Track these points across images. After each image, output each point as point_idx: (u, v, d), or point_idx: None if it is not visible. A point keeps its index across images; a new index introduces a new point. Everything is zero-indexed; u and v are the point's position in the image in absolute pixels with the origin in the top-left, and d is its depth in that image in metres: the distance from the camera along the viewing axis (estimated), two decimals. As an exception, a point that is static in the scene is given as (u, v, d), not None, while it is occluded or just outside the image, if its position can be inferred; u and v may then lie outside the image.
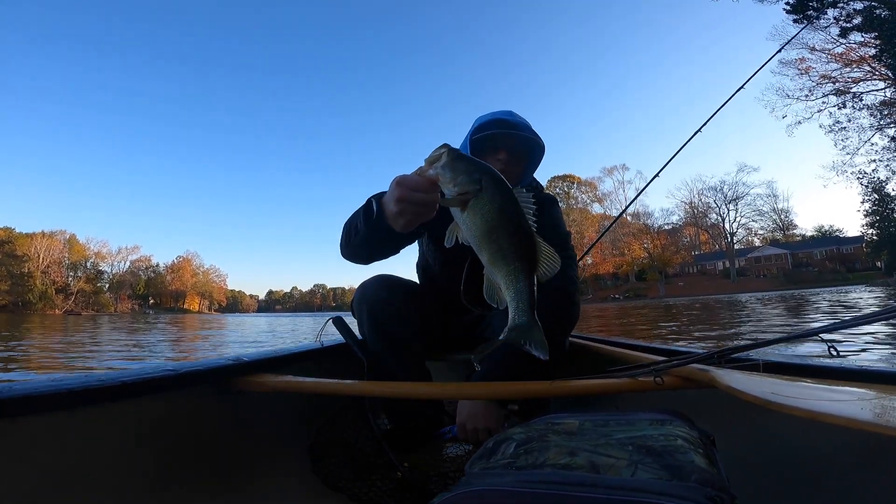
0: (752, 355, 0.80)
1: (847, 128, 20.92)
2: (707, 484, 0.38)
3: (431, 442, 1.18)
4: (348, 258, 0.99)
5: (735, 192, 54.49)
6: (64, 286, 67.01)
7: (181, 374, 0.74)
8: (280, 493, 0.89)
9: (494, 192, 0.62)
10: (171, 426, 0.77)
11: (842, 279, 40.79)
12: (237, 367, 0.87)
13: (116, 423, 0.67)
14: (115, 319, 27.83)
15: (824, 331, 0.67)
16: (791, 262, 50.42)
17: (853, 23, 16.63)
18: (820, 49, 19.66)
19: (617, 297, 50.88)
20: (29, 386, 0.55)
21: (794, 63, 21.45)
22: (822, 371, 0.75)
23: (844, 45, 18.48)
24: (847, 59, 19.39)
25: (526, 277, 0.62)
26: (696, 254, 60.46)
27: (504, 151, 1.10)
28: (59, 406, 0.58)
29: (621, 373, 0.86)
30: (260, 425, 0.99)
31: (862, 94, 19.72)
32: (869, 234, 35.48)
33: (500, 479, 0.44)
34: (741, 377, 0.66)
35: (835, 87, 20.31)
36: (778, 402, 0.50)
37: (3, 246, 61.33)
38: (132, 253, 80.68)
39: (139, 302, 79.22)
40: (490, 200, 0.62)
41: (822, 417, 0.44)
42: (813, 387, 0.60)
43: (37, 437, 0.57)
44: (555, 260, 0.64)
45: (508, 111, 1.15)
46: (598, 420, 0.58)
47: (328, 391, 0.88)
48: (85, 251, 72.43)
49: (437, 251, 1.25)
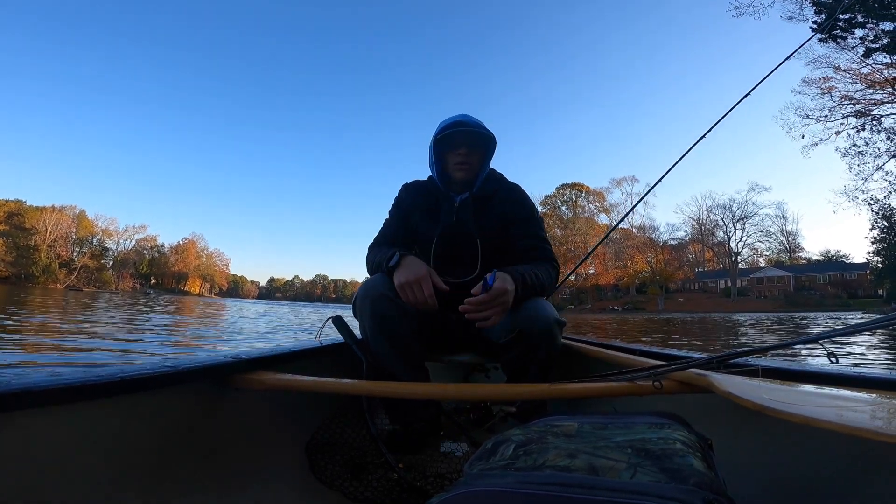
0: (751, 361, 0.80)
1: (864, 152, 20.66)
2: (705, 487, 0.38)
3: (429, 442, 1.17)
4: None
5: (744, 211, 54.23)
6: (68, 261, 67.42)
7: (179, 370, 0.73)
8: (277, 492, 0.89)
9: None
10: (168, 422, 0.77)
11: (842, 305, 40.46)
12: (236, 365, 0.86)
13: (113, 418, 0.67)
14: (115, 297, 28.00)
15: (824, 337, 0.67)
16: (794, 285, 50.01)
17: (879, 43, 16.44)
18: (845, 69, 19.42)
19: (616, 309, 50.68)
20: (26, 381, 0.55)
21: (818, 82, 21.13)
22: (820, 377, 0.75)
23: (870, 66, 18.26)
24: (871, 81, 19.14)
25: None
26: (699, 271, 60.12)
27: (464, 146, 1.30)
28: (56, 401, 0.57)
29: (620, 376, 0.86)
30: (258, 423, 0.99)
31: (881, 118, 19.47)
32: (874, 261, 35.12)
33: (498, 480, 0.44)
34: (739, 382, 0.66)
35: (855, 109, 20.02)
36: (775, 407, 0.50)
37: (13, 218, 61.79)
38: (139, 232, 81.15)
39: (140, 281, 79.46)
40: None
41: (819, 423, 0.43)
42: (811, 392, 0.60)
43: (33, 433, 0.57)
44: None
45: (463, 114, 1.34)
46: (597, 422, 0.58)
47: (327, 390, 0.88)
48: (93, 227, 72.80)
49: (430, 250, 1.32)
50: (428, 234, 1.34)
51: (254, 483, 0.88)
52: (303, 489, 0.94)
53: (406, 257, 1.10)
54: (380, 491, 0.94)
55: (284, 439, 1.05)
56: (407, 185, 1.47)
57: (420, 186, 1.44)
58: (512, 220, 1.33)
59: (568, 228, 58.21)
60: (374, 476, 0.99)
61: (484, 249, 1.30)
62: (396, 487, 0.95)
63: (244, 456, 0.91)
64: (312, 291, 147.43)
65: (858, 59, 18.19)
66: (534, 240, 1.31)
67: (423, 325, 1.18)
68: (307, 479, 0.97)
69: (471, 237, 1.31)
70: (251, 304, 34.96)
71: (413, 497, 0.92)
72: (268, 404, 1.03)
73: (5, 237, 60.03)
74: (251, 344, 5.48)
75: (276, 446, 1.00)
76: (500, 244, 1.32)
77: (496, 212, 1.34)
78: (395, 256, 1.10)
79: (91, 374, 0.62)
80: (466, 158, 1.30)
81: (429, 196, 1.40)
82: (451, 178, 1.36)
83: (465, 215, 1.34)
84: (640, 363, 0.98)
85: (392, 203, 1.45)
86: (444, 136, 1.30)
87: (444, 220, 1.34)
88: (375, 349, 1.12)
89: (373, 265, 1.21)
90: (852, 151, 20.89)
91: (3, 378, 0.55)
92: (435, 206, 1.38)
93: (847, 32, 16.75)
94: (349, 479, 0.97)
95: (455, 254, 1.30)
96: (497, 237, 1.32)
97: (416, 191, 1.43)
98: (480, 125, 1.32)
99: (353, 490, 0.94)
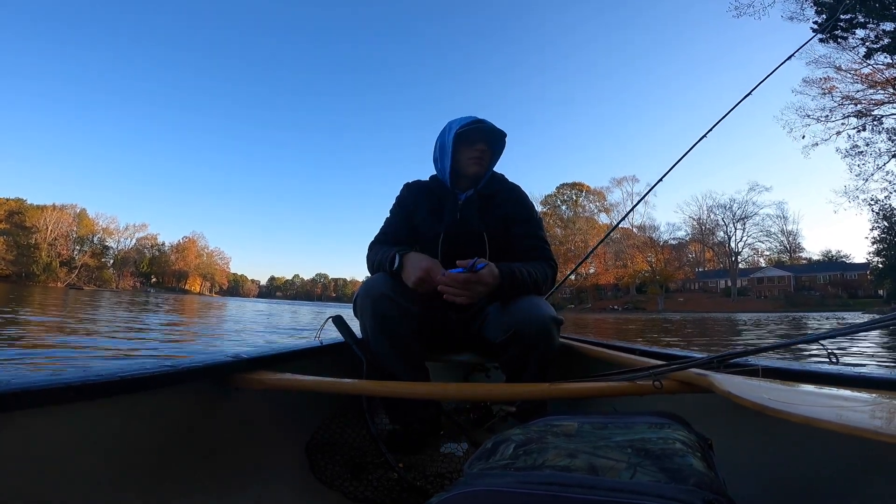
0: (751, 360, 0.80)
1: (864, 152, 20.62)
2: (705, 487, 0.38)
3: (429, 442, 1.17)
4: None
5: (744, 211, 54.13)
6: (69, 259, 67.40)
7: (179, 370, 0.73)
8: (277, 492, 0.89)
9: None
10: (168, 422, 0.76)
11: (842, 305, 40.41)
12: (236, 364, 0.86)
13: (113, 418, 0.67)
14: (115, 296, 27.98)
15: (824, 337, 0.66)
16: (794, 285, 49.97)
17: (880, 44, 16.38)
18: (846, 69, 19.36)
19: (616, 308, 50.65)
20: (26, 381, 0.55)
21: (819, 82, 21.06)
22: (820, 377, 0.75)
23: (871, 66, 18.20)
24: (872, 81, 19.08)
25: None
26: (699, 270, 60.06)
27: (482, 142, 1.36)
28: (56, 401, 0.57)
29: (620, 376, 0.86)
30: (258, 423, 0.99)
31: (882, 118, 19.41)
32: (875, 262, 35.08)
33: (498, 480, 0.44)
34: (739, 382, 0.66)
35: (856, 109, 19.96)
36: (775, 407, 0.50)
37: (14, 216, 61.77)
38: (139, 230, 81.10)
39: (141, 280, 79.46)
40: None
41: (819, 423, 0.43)
42: (811, 392, 0.60)
43: (33, 433, 0.57)
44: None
45: (476, 116, 1.39)
46: (597, 422, 0.58)
47: (327, 390, 0.88)
48: (93, 226, 72.73)
49: (435, 248, 1.32)
50: (432, 232, 1.35)
51: (254, 483, 0.87)
52: (303, 489, 0.94)
53: (406, 256, 1.11)
54: (380, 491, 0.94)
55: (284, 439, 1.04)
56: (409, 184, 1.48)
57: (422, 185, 1.45)
58: (513, 219, 1.35)
59: (568, 228, 58.18)
60: (374, 476, 0.99)
61: (491, 246, 1.31)
62: (396, 487, 0.95)
63: (244, 456, 0.91)
64: (313, 290, 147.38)
65: (859, 59, 18.12)
66: (534, 240, 1.33)
67: (423, 325, 1.18)
68: (307, 479, 0.97)
69: (477, 233, 1.32)
70: (251, 303, 34.93)
71: (413, 497, 0.92)
72: (268, 404, 1.02)
73: (6, 236, 60.01)
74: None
75: (276, 446, 1.00)
76: (504, 242, 1.33)
77: (499, 211, 1.35)
78: (396, 258, 1.11)
79: (91, 374, 0.62)
80: (482, 154, 1.35)
81: (432, 194, 1.40)
82: (462, 172, 1.37)
83: (469, 212, 1.35)
84: (640, 363, 0.98)
85: (394, 202, 1.45)
86: (465, 130, 1.33)
87: (448, 217, 1.35)
88: (376, 349, 1.12)
89: (374, 265, 1.22)
90: (853, 152, 20.83)
91: (3, 378, 0.55)
92: (438, 204, 1.38)
93: (848, 32, 16.69)
94: (349, 479, 0.97)
95: (462, 251, 1.30)
96: (501, 235, 1.33)
97: (418, 190, 1.44)
98: (494, 125, 1.37)
99: (353, 490, 0.94)
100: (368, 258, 1.28)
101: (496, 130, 1.37)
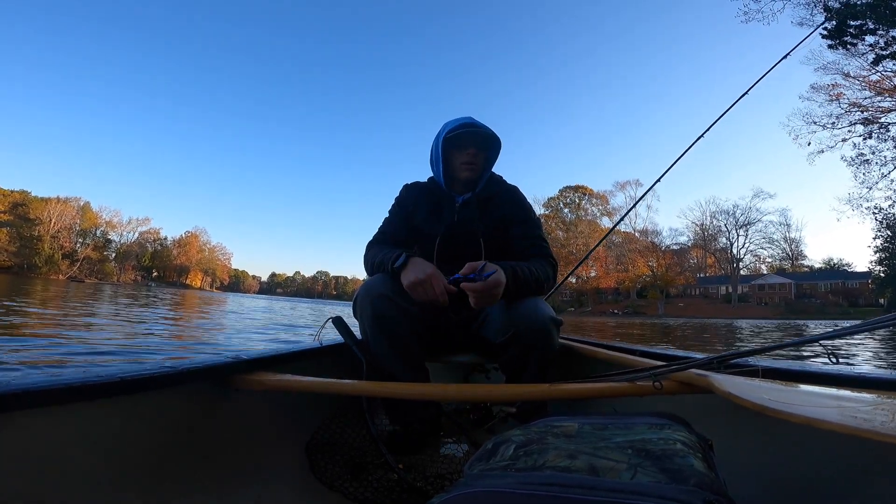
0: (751, 361, 0.80)
1: (870, 160, 20.50)
2: (705, 488, 0.38)
3: (429, 443, 1.17)
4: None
5: (747, 218, 54.10)
6: (71, 252, 67.59)
7: (179, 371, 0.73)
8: (277, 492, 0.89)
9: None
10: (168, 423, 0.76)
11: (843, 313, 40.22)
12: (236, 365, 0.86)
13: (113, 419, 0.67)
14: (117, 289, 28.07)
15: (824, 337, 0.66)
16: (795, 293, 49.83)
17: (889, 50, 16.28)
18: (854, 76, 19.25)
19: (616, 313, 50.58)
20: (26, 381, 0.55)
21: (826, 88, 20.98)
22: (821, 377, 0.75)
23: (880, 73, 18.08)
24: (880, 88, 18.97)
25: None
26: (701, 276, 59.91)
27: (472, 147, 1.33)
28: (56, 401, 0.57)
29: (620, 377, 0.86)
30: (257, 424, 0.98)
31: (889, 126, 19.28)
32: (876, 270, 34.98)
33: (499, 481, 0.44)
34: (740, 383, 0.66)
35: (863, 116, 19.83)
36: (776, 408, 0.49)
37: (17, 208, 61.94)
38: (142, 224, 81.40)
39: (142, 274, 79.65)
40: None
41: (820, 424, 0.43)
42: (811, 393, 0.60)
43: (33, 433, 0.57)
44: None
45: (469, 117, 1.37)
46: (597, 423, 0.57)
47: (327, 390, 0.87)
48: (97, 219, 73.01)
49: (432, 250, 1.32)
50: (430, 234, 1.34)
51: (254, 483, 0.87)
52: (303, 489, 0.93)
53: (412, 258, 1.11)
54: (380, 491, 0.94)
55: (284, 439, 1.04)
56: (408, 185, 1.48)
57: (422, 187, 1.45)
58: (511, 220, 1.35)
59: (570, 231, 58.07)
60: (374, 476, 0.98)
61: (487, 248, 1.31)
62: (396, 488, 0.95)
63: (244, 456, 0.90)
64: (313, 287, 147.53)
65: (868, 66, 18.03)
66: (532, 239, 1.33)
67: (423, 326, 1.18)
68: (307, 480, 0.97)
69: (474, 236, 1.32)
70: (251, 300, 34.96)
71: (413, 497, 0.92)
72: (268, 404, 1.02)
73: (9, 227, 60.23)
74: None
75: (276, 446, 1.00)
76: (502, 244, 1.33)
77: (497, 212, 1.35)
78: (402, 257, 1.10)
79: (91, 374, 0.62)
80: (473, 159, 1.33)
81: (431, 196, 1.40)
82: (456, 177, 1.37)
83: (467, 215, 1.34)
84: (641, 363, 0.97)
85: (393, 202, 1.45)
86: (454, 135, 1.32)
87: (446, 219, 1.35)
88: (375, 349, 1.12)
89: (373, 265, 1.20)
90: (858, 160, 20.74)
91: (3, 378, 0.55)
92: (437, 206, 1.38)
93: (857, 39, 16.60)
94: (349, 480, 0.97)
95: (458, 253, 1.30)
96: (499, 237, 1.33)
97: (417, 191, 1.44)
98: (487, 128, 1.35)
99: (353, 490, 0.93)
100: (366, 258, 1.27)
101: (488, 133, 1.34)
